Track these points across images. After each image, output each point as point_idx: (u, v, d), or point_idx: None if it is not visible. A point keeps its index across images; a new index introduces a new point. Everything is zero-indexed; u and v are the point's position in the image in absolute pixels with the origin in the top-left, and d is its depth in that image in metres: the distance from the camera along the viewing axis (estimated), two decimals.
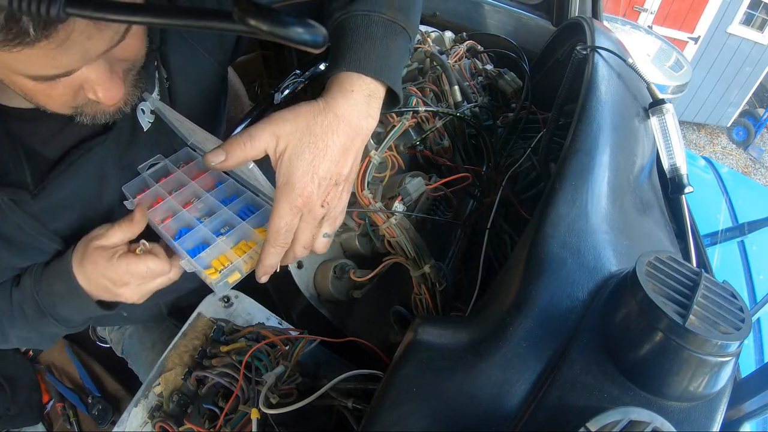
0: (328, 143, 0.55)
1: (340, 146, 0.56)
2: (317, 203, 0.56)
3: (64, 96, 0.50)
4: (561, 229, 0.56)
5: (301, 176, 0.54)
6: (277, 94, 1.01)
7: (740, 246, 1.62)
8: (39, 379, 1.29)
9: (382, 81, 0.60)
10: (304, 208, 0.55)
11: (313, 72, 1.04)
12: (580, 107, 0.71)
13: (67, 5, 0.26)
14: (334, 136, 0.55)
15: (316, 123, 0.55)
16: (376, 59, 0.59)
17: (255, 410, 0.58)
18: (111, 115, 0.57)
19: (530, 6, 1.44)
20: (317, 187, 0.55)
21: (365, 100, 0.58)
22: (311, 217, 0.56)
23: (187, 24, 0.28)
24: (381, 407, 0.46)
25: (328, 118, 0.55)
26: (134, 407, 0.67)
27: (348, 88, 0.57)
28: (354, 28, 0.61)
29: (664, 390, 0.42)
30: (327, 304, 0.78)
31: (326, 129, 0.55)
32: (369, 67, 0.58)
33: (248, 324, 0.74)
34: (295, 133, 0.54)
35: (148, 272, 0.60)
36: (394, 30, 0.63)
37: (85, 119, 0.56)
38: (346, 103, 0.56)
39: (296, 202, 0.54)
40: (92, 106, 0.55)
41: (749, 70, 5.17)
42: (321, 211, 0.57)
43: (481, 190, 0.96)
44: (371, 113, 0.59)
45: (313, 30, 0.27)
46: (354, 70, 0.58)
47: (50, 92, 0.49)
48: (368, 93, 0.58)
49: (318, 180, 0.55)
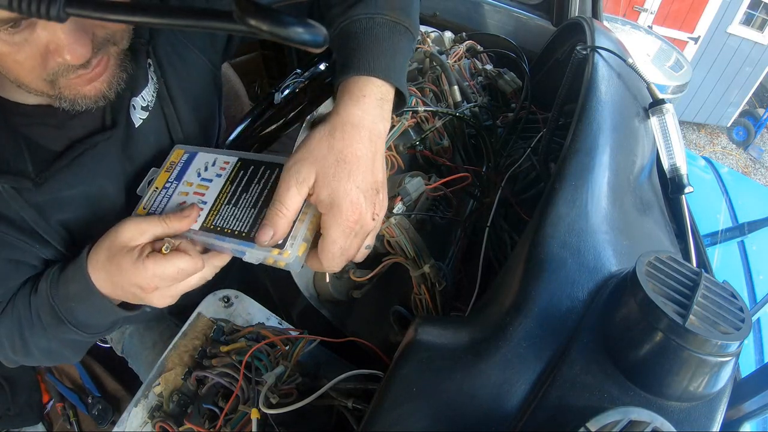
0: (357, 154, 0.53)
1: (369, 154, 0.54)
2: (368, 217, 0.54)
3: (32, 60, 0.48)
4: (561, 229, 0.56)
5: (345, 195, 0.52)
6: (277, 94, 1.01)
7: (740, 246, 1.61)
8: (39, 379, 1.29)
9: (391, 82, 0.59)
10: (356, 226, 0.53)
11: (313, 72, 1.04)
12: (580, 107, 0.71)
13: (66, 5, 0.26)
14: (360, 145, 0.54)
15: (335, 139, 0.53)
16: (385, 61, 0.58)
17: (255, 410, 0.58)
18: (92, 99, 0.55)
19: (530, 6, 1.44)
20: (365, 201, 0.53)
21: (378, 104, 0.57)
22: (363, 232, 0.55)
23: (187, 24, 0.28)
24: (381, 407, 0.46)
25: (347, 130, 0.54)
26: (134, 407, 0.67)
27: (359, 94, 0.56)
28: (359, 32, 0.60)
29: (664, 390, 0.42)
30: (327, 304, 0.78)
31: (349, 141, 0.53)
32: (379, 70, 0.57)
33: (248, 324, 0.74)
34: (318, 161, 0.52)
35: (179, 273, 0.54)
36: (399, 31, 0.63)
37: (65, 104, 0.54)
38: (359, 111, 0.55)
39: (348, 222, 0.52)
40: (69, 86, 0.53)
41: (749, 70, 5.17)
42: (372, 224, 0.55)
43: (480, 190, 0.96)
44: (384, 116, 0.58)
45: (313, 30, 0.27)
46: (364, 74, 0.57)
47: (17, 57, 0.47)
48: (380, 96, 0.58)
49: (363, 193, 0.53)
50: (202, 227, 0.58)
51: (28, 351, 0.66)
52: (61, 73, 0.51)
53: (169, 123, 0.72)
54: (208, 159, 0.65)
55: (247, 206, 0.58)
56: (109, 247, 0.56)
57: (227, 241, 0.56)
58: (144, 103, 0.68)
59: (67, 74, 0.51)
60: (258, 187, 0.59)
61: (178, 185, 0.63)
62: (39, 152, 0.60)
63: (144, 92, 0.68)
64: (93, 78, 0.54)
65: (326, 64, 0.90)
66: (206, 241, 0.57)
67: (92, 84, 0.54)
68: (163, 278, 0.54)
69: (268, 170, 0.61)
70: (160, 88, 0.70)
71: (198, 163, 0.65)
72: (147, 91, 0.68)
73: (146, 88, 0.68)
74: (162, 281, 0.54)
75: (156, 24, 0.28)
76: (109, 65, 0.55)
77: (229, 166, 0.63)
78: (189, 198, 0.61)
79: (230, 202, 0.59)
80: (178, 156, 0.66)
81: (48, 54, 0.49)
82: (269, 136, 0.99)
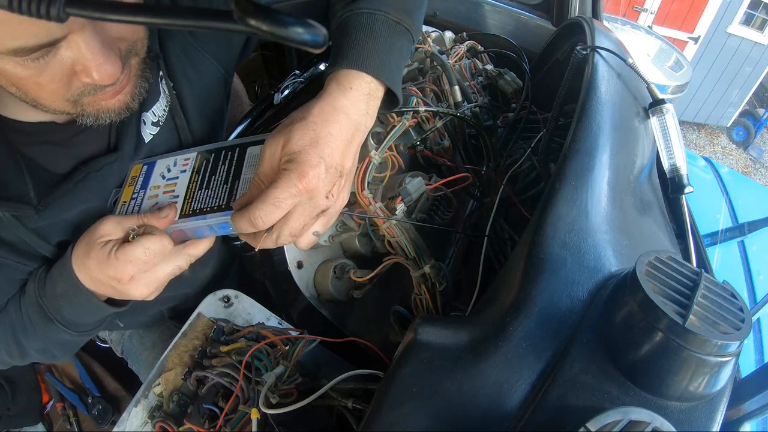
0: (330, 131, 0.53)
1: (343, 137, 0.53)
2: (322, 192, 0.52)
3: (56, 83, 0.46)
4: (561, 229, 0.56)
5: (306, 158, 0.50)
6: (277, 95, 1.01)
7: (740, 246, 1.62)
8: (39, 379, 1.29)
9: (382, 80, 0.59)
10: (306, 193, 0.51)
11: (313, 72, 1.04)
12: (580, 107, 0.71)
13: (67, 5, 0.26)
14: (336, 125, 0.53)
15: (312, 114, 0.53)
16: (378, 58, 0.58)
17: (255, 410, 0.58)
18: (116, 112, 0.54)
19: (530, 6, 1.44)
20: (324, 173, 0.51)
21: (364, 99, 0.57)
22: (311, 205, 0.52)
23: (187, 24, 0.28)
24: (381, 407, 0.46)
25: (326, 110, 0.54)
26: (134, 407, 0.67)
27: (347, 86, 0.56)
28: (358, 26, 0.60)
29: (664, 390, 0.42)
30: (327, 304, 0.78)
31: (326, 119, 0.53)
32: (370, 66, 0.57)
33: (248, 324, 0.74)
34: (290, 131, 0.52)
35: (147, 253, 0.53)
36: (398, 30, 0.62)
37: (88, 120, 0.53)
38: (344, 99, 0.55)
39: (298, 184, 0.50)
40: (93, 102, 0.51)
41: (749, 70, 5.17)
42: (324, 203, 0.53)
43: (481, 190, 0.96)
44: (369, 112, 0.58)
45: (313, 30, 0.27)
46: (354, 68, 0.57)
47: (39, 79, 0.45)
48: (367, 92, 0.57)
49: (325, 166, 0.51)
50: (180, 216, 0.59)
51: (25, 353, 0.66)
52: (87, 93, 0.49)
53: (181, 134, 0.71)
54: (168, 162, 0.66)
55: (219, 184, 0.60)
56: (88, 242, 0.56)
57: (209, 218, 0.57)
58: (155, 118, 0.66)
59: (94, 92, 0.50)
60: (224, 167, 0.62)
61: (146, 192, 0.63)
62: (41, 175, 0.58)
63: (155, 107, 0.66)
64: (118, 91, 0.53)
65: (326, 64, 0.90)
66: (188, 226, 0.58)
67: (116, 97, 0.53)
68: (134, 263, 0.53)
69: (230, 152, 0.64)
70: (172, 100, 0.68)
71: (159, 168, 0.66)
72: (158, 105, 0.66)
73: (157, 103, 0.66)
74: (134, 266, 0.54)
75: (156, 24, 0.28)
76: (131, 76, 0.54)
77: (191, 161, 0.65)
78: (160, 198, 0.62)
79: (202, 187, 0.61)
80: (138, 170, 0.67)
81: (73, 75, 0.47)
82: None
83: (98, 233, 0.56)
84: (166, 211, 0.57)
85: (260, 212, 0.50)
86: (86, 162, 0.61)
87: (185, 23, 0.28)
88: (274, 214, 0.50)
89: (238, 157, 0.62)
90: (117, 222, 0.56)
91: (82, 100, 0.50)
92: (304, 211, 0.53)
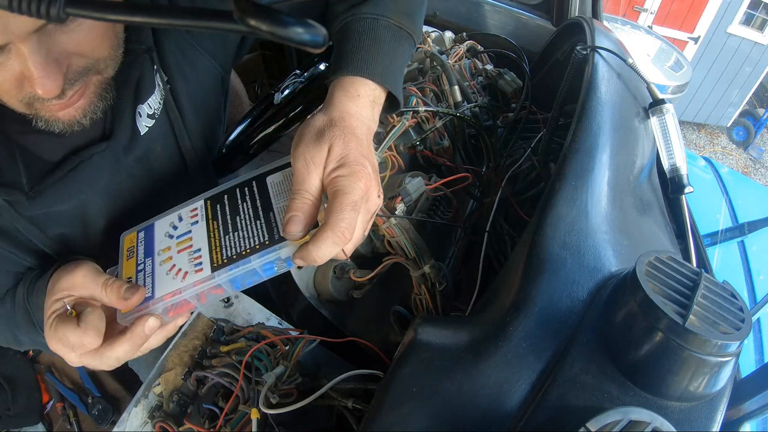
0: (357, 134, 0.52)
1: (366, 138, 0.53)
2: (375, 191, 0.50)
3: (8, 84, 0.47)
4: (561, 229, 0.56)
5: (358, 159, 0.49)
6: (277, 94, 1.01)
7: (740, 246, 1.61)
8: (39, 379, 1.29)
9: (385, 87, 0.59)
10: (365, 194, 0.49)
11: (313, 72, 1.04)
12: (580, 107, 0.71)
13: (66, 5, 0.26)
14: (358, 129, 0.53)
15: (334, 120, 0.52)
16: (382, 64, 0.59)
17: (255, 410, 0.58)
18: (66, 124, 0.53)
19: (530, 6, 1.44)
20: (372, 172, 0.50)
21: (370, 106, 0.57)
22: (367, 207, 0.50)
23: (186, 24, 0.28)
24: (381, 407, 0.46)
25: (345, 117, 0.53)
26: (134, 407, 0.67)
27: (354, 93, 0.56)
28: (360, 32, 0.60)
29: (664, 390, 0.42)
30: (327, 304, 0.78)
31: (350, 123, 0.52)
32: (375, 73, 0.58)
33: (248, 324, 0.74)
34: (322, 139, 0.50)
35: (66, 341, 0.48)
36: (401, 36, 0.63)
37: (41, 123, 0.53)
38: (354, 106, 0.56)
39: (362, 184, 0.48)
40: (46, 109, 0.51)
41: (749, 70, 5.17)
42: (378, 201, 0.51)
43: (481, 190, 0.96)
44: (374, 118, 0.58)
45: (313, 30, 0.27)
46: (359, 75, 0.57)
47: None
48: (372, 98, 0.58)
49: (370, 165, 0.50)
50: (213, 269, 0.51)
51: (20, 342, 0.68)
52: (36, 98, 0.49)
53: (176, 129, 0.71)
54: (169, 219, 0.59)
55: (250, 222, 0.53)
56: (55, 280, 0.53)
57: (253, 260, 0.50)
58: (150, 110, 0.66)
59: (42, 101, 0.50)
60: (247, 204, 0.55)
61: (153, 258, 0.55)
62: (34, 163, 0.58)
63: (150, 99, 0.66)
64: (67, 105, 0.52)
65: (326, 64, 0.90)
66: (228, 277, 0.51)
67: (65, 110, 0.52)
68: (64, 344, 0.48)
69: (246, 188, 0.57)
70: (166, 94, 0.68)
71: (161, 229, 0.58)
72: (153, 98, 0.66)
73: (153, 95, 0.66)
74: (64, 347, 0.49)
75: (155, 24, 0.28)
76: (86, 93, 0.53)
77: (200, 210, 0.58)
78: (176, 259, 0.54)
79: (228, 232, 0.54)
80: (132, 240, 0.59)
81: (23, 80, 0.47)
82: (269, 136, 0.99)
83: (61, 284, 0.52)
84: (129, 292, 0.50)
85: (345, 222, 0.47)
86: (77, 151, 0.60)
87: (184, 23, 0.28)
88: (355, 218, 0.48)
89: (259, 189, 0.56)
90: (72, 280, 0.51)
91: (35, 104, 0.50)
92: (361, 216, 0.50)
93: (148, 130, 0.67)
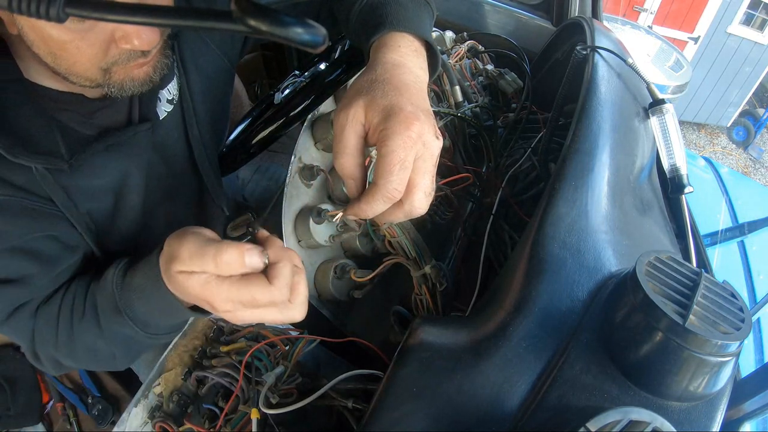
0: (403, 80, 0.50)
1: (414, 83, 0.51)
2: (431, 132, 0.47)
3: (95, 48, 0.48)
4: (561, 229, 0.56)
5: (399, 108, 0.46)
6: (278, 94, 1.01)
7: (740, 246, 1.61)
8: (39, 379, 1.29)
9: (423, 39, 0.58)
10: (419, 140, 0.46)
11: (313, 72, 1.04)
12: (580, 107, 0.71)
13: (66, 5, 0.26)
14: (404, 75, 0.51)
15: (377, 73, 0.51)
16: (413, 20, 0.59)
17: (255, 410, 0.58)
18: (140, 82, 0.55)
19: (530, 6, 1.44)
20: (423, 115, 0.47)
21: (414, 55, 0.56)
22: (429, 152, 0.47)
23: (186, 24, 0.28)
24: (381, 407, 0.46)
25: (388, 68, 0.52)
26: (134, 407, 0.67)
27: (394, 45, 0.56)
28: (385, 3, 0.61)
29: (664, 390, 0.42)
30: (327, 304, 0.78)
31: (393, 73, 0.51)
32: (410, 27, 0.58)
33: (248, 324, 0.74)
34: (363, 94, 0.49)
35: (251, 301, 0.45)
36: (421, 3, 0.64)
37: (113, 90, 0.54)
38: (397, 56, 0.55)
39: (411, 132, 0.45)
40: (123, 72, 0.53)
41: (749, 70, 5.17)
42: (437, 143, 0.48)
43: (481, 190, 0.96)
44: (422, 66, 0.57)
45: (313, 30, 0.27)
46: (395, 30, 0.57)
47: (80, 44, 0.47)
48: (414, 48, 0.57)
49: (419, 109, 0.48)
50: None
51: (73, 347, 0.61)
52: (120, 61, 0.51)
53: (186, 118, 0.72)
54: None
55: None
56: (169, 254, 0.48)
57: None
58: (170, 96, 0.68)
59: (127, 61, 0.51)
60: None
61: None
62: (71, 135, 0.59)
63: (170, 86, 0.68)
64: (146, 62, 0.54)
65: (326, 64, 0.90)
66: None
67: (143, 68, 0.54)
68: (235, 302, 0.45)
69: None
70: (182, 83, 0.70)
71: None
72: (173, 84, 0.69)
73: (172, 82, 0.68)
74: (233, 305, 0.45)
75: (155, 24, 0.28)
76: (157, 51, 0.55)
77: None
78: None
79: None
80: None
81: (112, 42, 0.49)
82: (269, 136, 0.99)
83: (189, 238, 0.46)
84: None
85: (393, 183, 0.45)
86: (121, 129, 0.62)
87: (185, 23, 0.28)
88: (405, 176, 0.46)
89: None
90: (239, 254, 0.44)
91: (113, 68, 0.52)
92: (425, 162, 0.47)
93: (167, 115, 0.69)
